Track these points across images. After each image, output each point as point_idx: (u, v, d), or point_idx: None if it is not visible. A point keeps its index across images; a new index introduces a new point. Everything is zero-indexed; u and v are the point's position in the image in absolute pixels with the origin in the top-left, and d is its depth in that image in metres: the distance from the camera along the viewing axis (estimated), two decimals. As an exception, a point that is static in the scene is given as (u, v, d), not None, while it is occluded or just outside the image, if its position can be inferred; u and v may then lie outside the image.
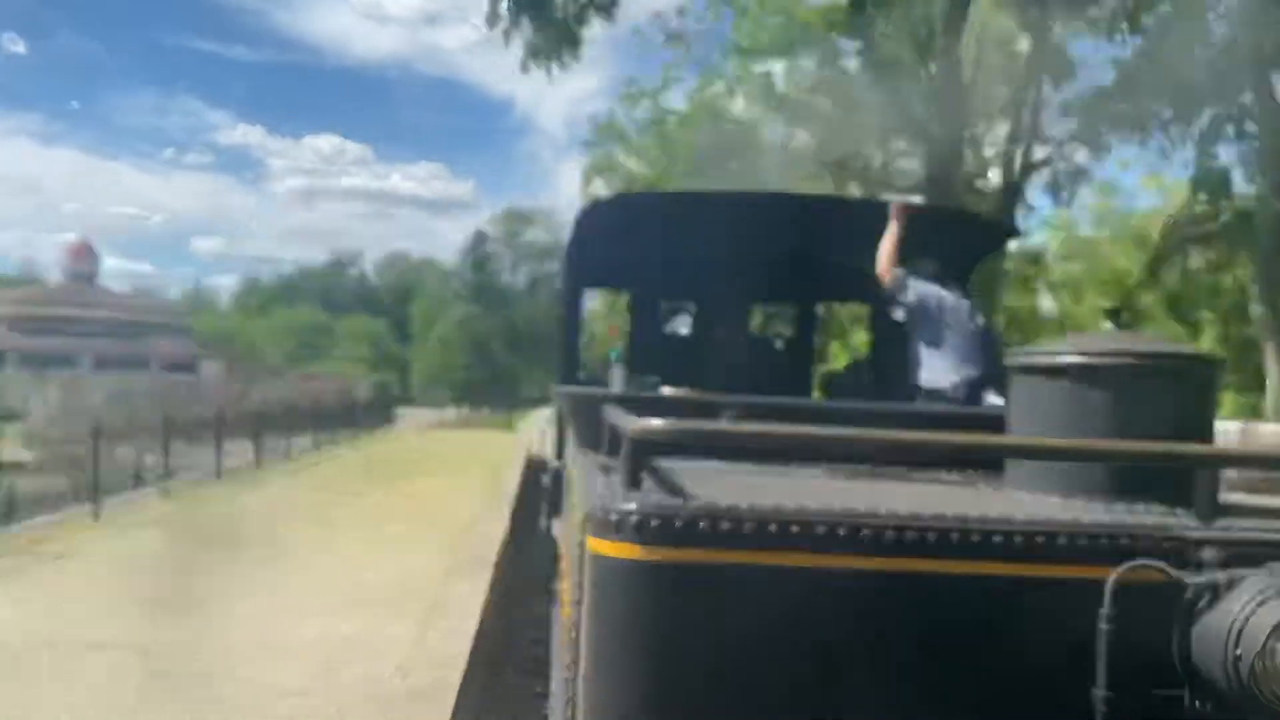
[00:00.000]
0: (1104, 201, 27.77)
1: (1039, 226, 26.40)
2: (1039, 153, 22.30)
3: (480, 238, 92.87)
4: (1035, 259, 26.27)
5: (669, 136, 30.91)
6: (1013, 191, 21.65)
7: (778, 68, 24.48)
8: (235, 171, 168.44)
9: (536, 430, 20.35)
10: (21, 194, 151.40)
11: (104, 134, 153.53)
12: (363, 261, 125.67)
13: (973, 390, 4.68)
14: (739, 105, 27.51)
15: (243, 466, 19.08)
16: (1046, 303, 28.42)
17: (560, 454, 5.60)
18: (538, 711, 5.18)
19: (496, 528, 12.18)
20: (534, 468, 12.74)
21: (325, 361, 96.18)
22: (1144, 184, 29.46)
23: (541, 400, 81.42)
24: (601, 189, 34.67)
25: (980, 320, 4.96)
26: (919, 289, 4.78)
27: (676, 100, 31.89)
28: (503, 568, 10.00)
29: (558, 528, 4.83)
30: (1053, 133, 21.66)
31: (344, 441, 25.72)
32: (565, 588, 3.04)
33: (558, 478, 5.42)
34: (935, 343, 4.78)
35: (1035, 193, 24.08)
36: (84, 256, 78.34)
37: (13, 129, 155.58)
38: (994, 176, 22.15)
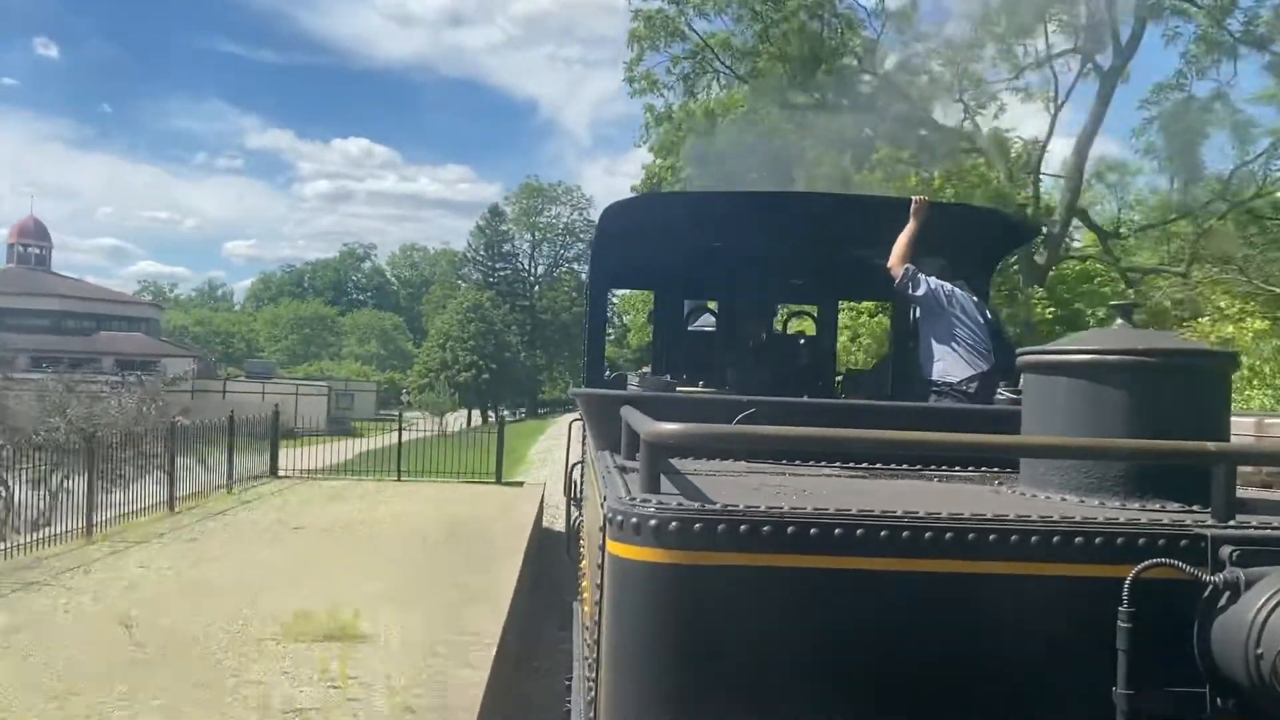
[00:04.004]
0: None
1: None
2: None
3: (495, 214, 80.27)
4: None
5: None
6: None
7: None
8: (265, 175, 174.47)
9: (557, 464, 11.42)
10: (56, 198, 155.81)
11: (136, 139, 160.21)
12: (377, 255, 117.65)
13: (983, 384, 4.62)
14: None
15: None
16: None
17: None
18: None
19: None
20: None
21: (324, 360, 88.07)
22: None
23: (564, 404, 70.16)
24: (657, 68, 22.63)
25: (990, 315, 4.94)
26: (929, 283, 4.72)
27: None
28: None
29: (582, 522, 4.71)
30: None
31: (127, 524, 11.94)
32: (587, 585, 2.98)
33: (581, 473, 5.36)
34: (946, 337, 4.72)
35: None
36: (32, 237, 67.32)
37: (46, 134, 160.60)
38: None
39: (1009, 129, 22.47)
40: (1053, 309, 19.36)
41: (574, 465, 5.95)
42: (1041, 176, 22.28)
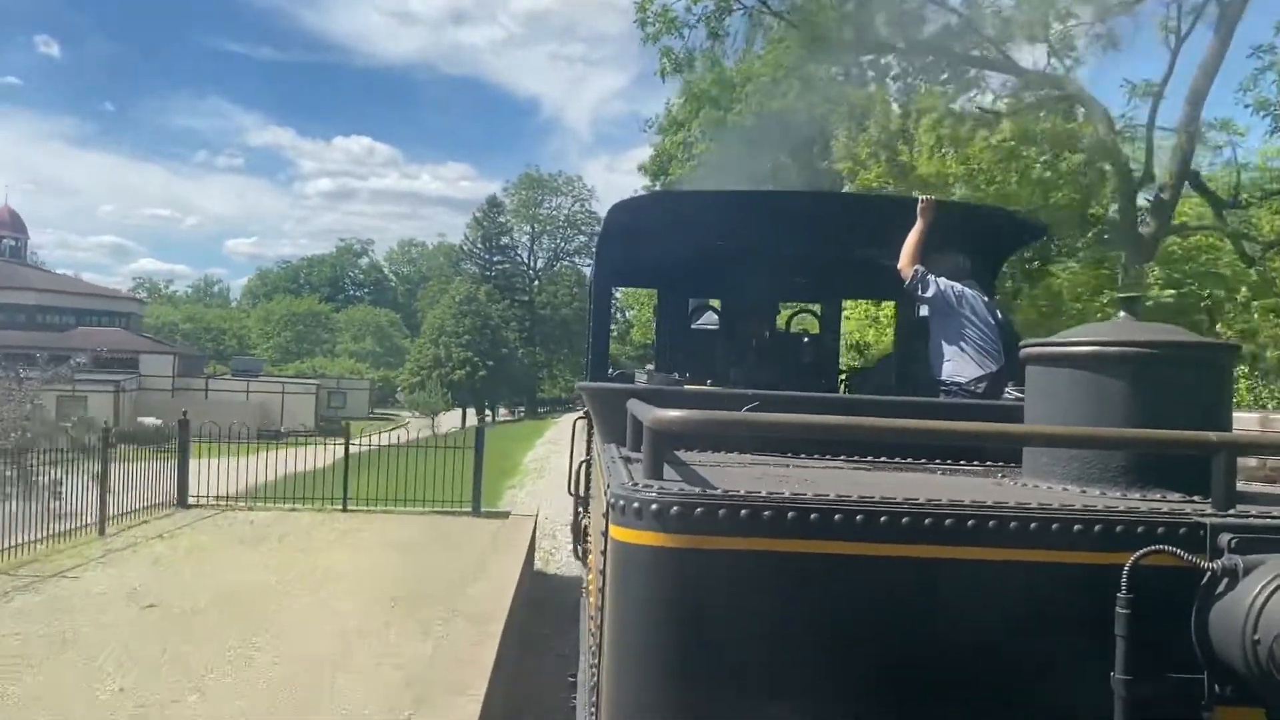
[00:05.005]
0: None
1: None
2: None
3: (493, 205, 76.22)
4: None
5: None
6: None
7: None
8: (266, 173, 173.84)
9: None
10: (58, 196, 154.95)
11: (137, 137, 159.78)
12: (374, 250, 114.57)
13: (992, 384, 4.62)
14: None
15: None
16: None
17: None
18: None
19: None
20: None
21: (318, 356, 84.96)
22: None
23: (565, 403, 66.30)
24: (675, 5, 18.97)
25: (999, 315, 4.90)
26: (939, 284, 4.70)
27: None
28: None
29: (588, 520, 4.78)
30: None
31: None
32: (593, 578, 2.98)
33: (587, 469, 5.45)
34: (955, 337, 4.71)
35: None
36: (6, 228, 63.66)
37: (47, 132, 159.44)
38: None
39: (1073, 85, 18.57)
40: (1171, 291, 15.46)
41: (580, 464, 6.00)
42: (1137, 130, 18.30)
